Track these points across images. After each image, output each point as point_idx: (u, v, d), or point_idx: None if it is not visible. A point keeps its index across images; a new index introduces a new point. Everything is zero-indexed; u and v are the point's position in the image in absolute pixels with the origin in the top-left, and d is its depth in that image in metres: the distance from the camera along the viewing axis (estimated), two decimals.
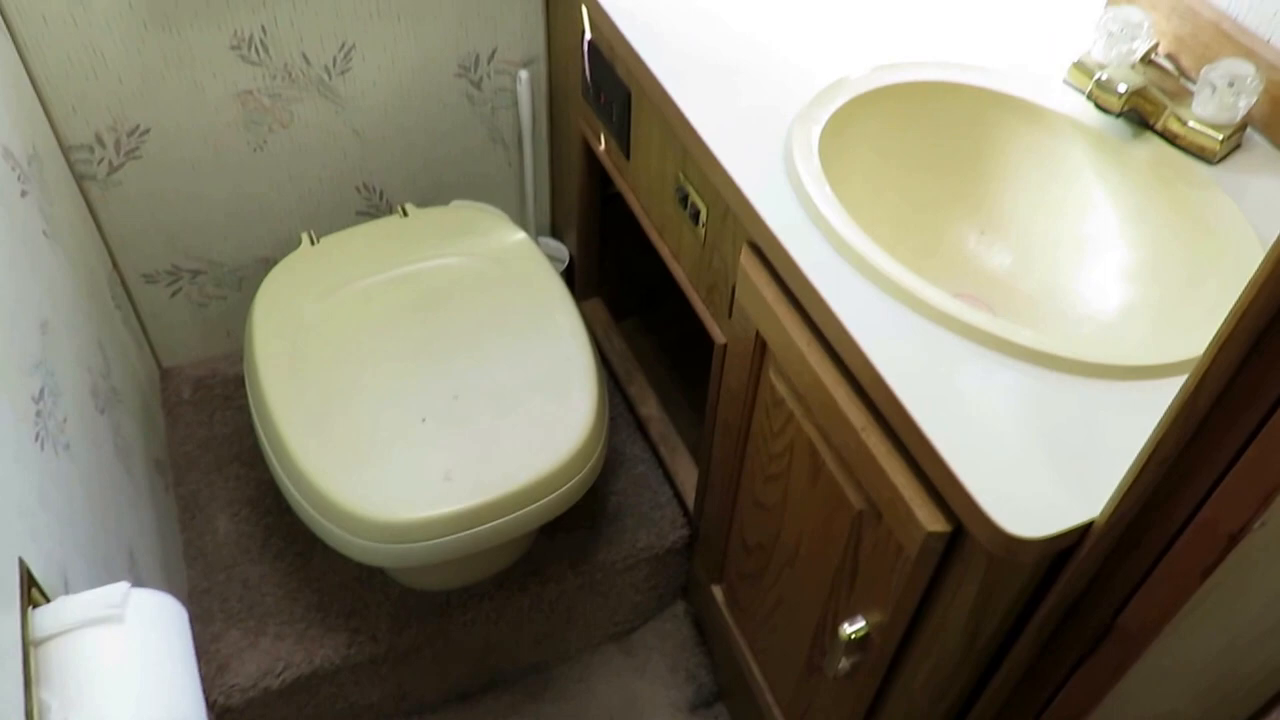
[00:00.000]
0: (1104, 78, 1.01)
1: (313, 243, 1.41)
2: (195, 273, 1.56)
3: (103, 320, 1.32)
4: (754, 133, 1.04)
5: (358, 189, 1.58)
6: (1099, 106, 1.01)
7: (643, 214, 1.34)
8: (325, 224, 1.59)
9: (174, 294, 1.57)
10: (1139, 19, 1.06)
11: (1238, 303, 0.54)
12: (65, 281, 1.16)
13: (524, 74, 1.52)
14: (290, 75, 1.39)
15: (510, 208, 1.72)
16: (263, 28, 1.33)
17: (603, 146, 1.40)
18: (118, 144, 1.36)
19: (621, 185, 1.38)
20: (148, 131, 1.37)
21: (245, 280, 1.60)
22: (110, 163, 1.38)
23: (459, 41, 1.46)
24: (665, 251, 1.29)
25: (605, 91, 1.31)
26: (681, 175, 1.16)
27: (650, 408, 1.63)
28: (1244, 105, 1.00)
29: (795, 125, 1.04)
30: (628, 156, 1.32)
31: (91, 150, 1.35)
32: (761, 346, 1.07)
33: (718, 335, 1.20)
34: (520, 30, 1.49)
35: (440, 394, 1.23)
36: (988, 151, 1.11)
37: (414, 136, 1.55)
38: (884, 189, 1.10)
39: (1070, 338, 0.96)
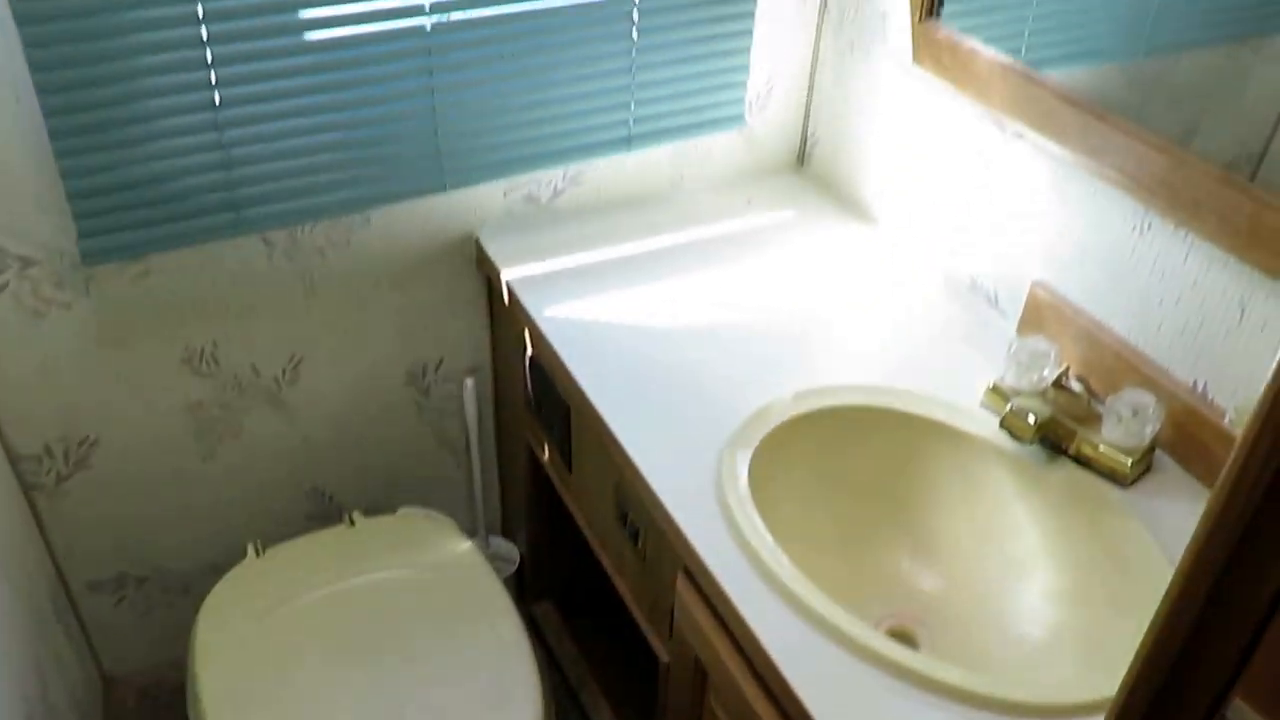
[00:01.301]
0: (1014, 407, 1.06)
1: (258, 554, 1.41)
2: (142, 579, 1.53)
3: (41, 638, 1.29)
4: (686, 458, 1.08)
5: (307, 494, 1.59)
6: (1012, 435, 1.06)
7: (585, 526, 1.35)
8: (274, 530, 1.58)
9: (119, 601, 1.53)
10: (1045, 349, 1.13)
11: (1140, 646, 0.54)
12: (1, 611, 1.14)
13: (469, 382, 1.57)
14: (240, 386, 1.43)
15: (459, 509, 1.73)
16: (214, 341, 1.38)
17: (546, 456, 1.44)
18: (67, 454, 1.38)
19: (565, 496, 1.40)
20: (97, 442, 1.39)
21: (192, 586, 1.57)
22: (59, 473, 1.39)
23: (407, 352, 1.52)
24: (608, 564, 1.30)
25: (546, 405, 1.36)
26: (620, 494, 1.19)
27: (603, 716, 1.58)
28: (1150, 431, 1.06)
29: (725, 451, 1.07)
30: (570, 469, 1.35)
31: (40, 461, 1.36)
32: (702, 671, 1.06)
33: (661, 653, 1.19)
34: (466, 340, 1.55)
35: (381, 715, 1.20)
36: (914, 473, 1.15)
37: (363, 442, 1.58)
38: (816, 512, 1.13)
39: (997, 675, 0.95)
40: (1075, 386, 1.15)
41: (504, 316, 1.46)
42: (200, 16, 1.10)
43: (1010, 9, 1.26)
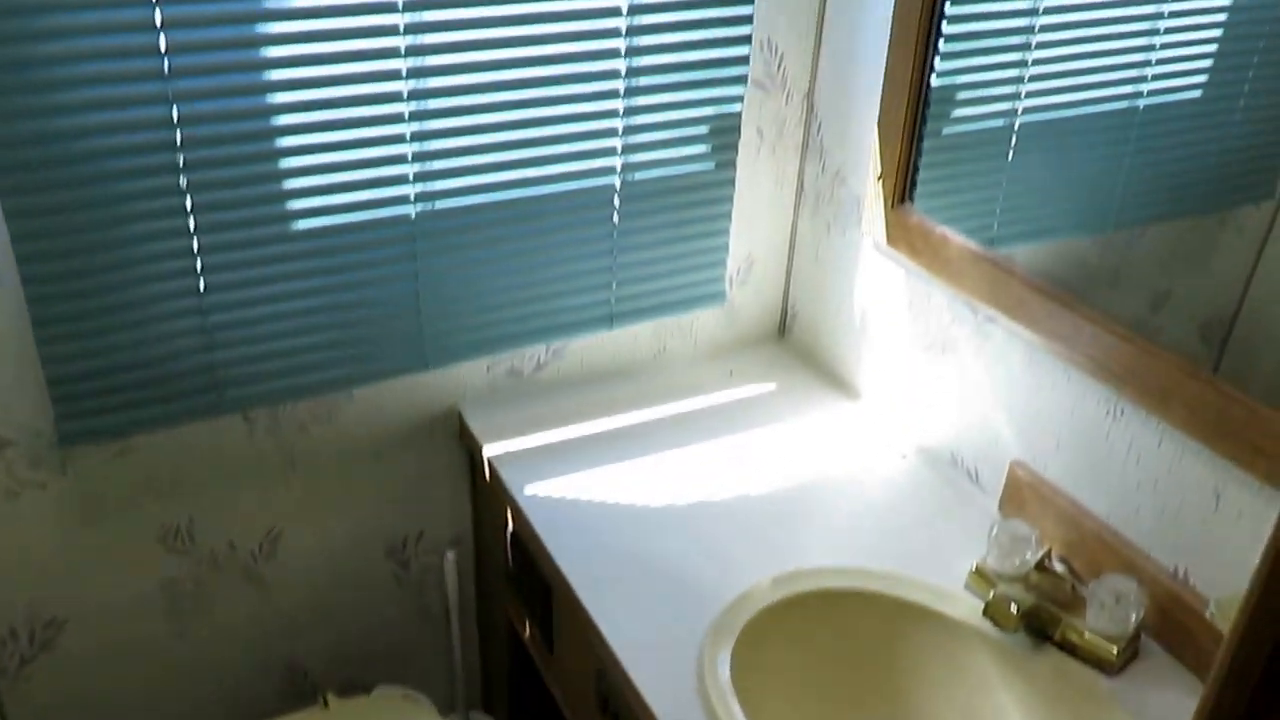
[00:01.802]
0: (997, 595, 1.05)
1: None
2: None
3: None
4: (667, 647, 1.06)
5: (281, 670, 1.55)
6: (996, 624, 1.05)
7: (566, 708, 1.32)
8: (246, 709, 1.54)
9: None
10: (1026, 533, 1.12)
11: None
12: None
13: (450, 555, 1.55)
14: (216, 562, 1.41)
15: (439, 683, 1.69)
16: (190, 518, 1.37)
17: (527, 634, 1.41)
18: (32, 636, 1.34)
19: (545, 675, 1.37)
20: (65, 623, 1.35)
21: None
22: (22, 656, 1.35)
23: (387, 524, 1.51)
24: None
25: (527, 582, 1.34)
26: (601, 680, 1.16)
27: None
28: (1133, 618, 1.04)
29: (706, 640, 1.05)
30: (550, 649, 1.32)
31: (4, 644, 1.33)
32: None
33: None
34: (447, 513, 1.54)
35: None
36: (897, 657, 1.13)
37: (340, 617, 1.55)
38: (798, 699, 1.10)
39: None
40: (1058, 568, 1.14)
41: (486, 490, 1.46)
42: (189, 208, 1.14)
43: (981, 189, 1.31)
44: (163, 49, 1.05)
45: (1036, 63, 1.22)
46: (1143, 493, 1.07)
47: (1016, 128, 1.25)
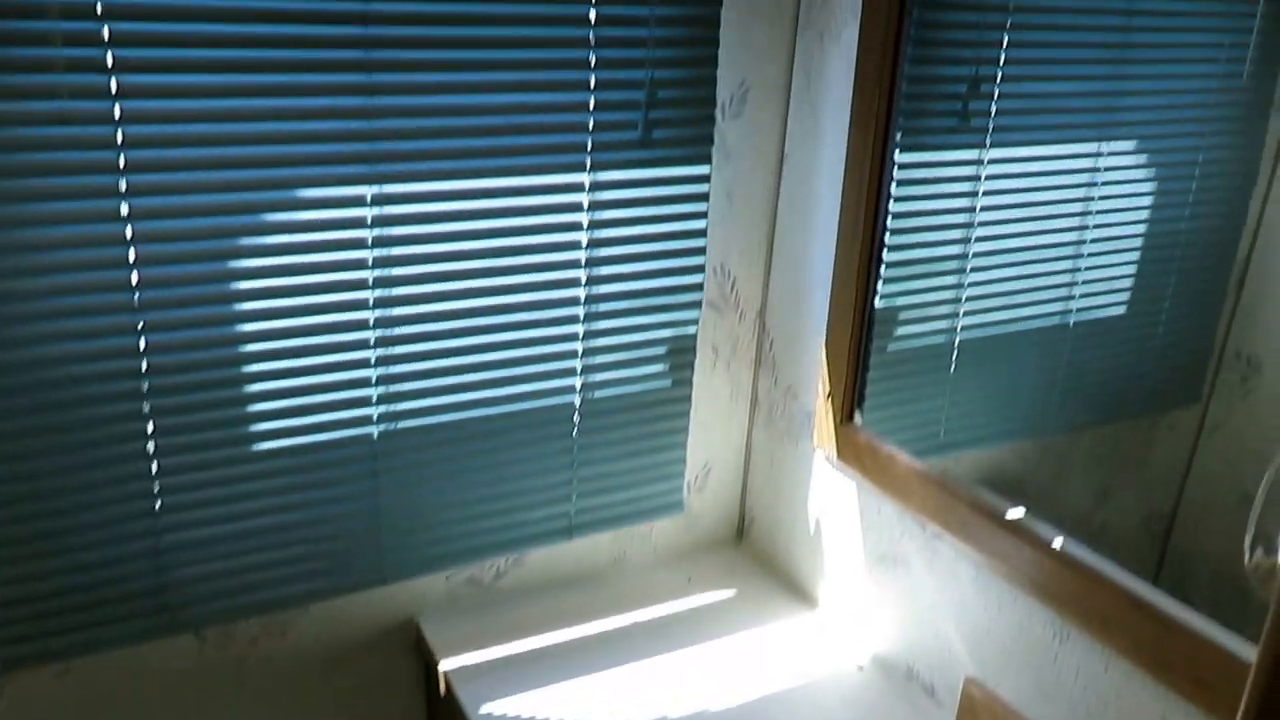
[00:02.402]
0: None
1: None
2: None
3: None
4: None
5: None
6: None
7: None
8: None
9: None
10: None
11: None
12: None
13: None
14: None
15: None
16: None
17: None
18: None
19: None
20: None
21: None
22: None
23: None
24: None
25: None
26: None
27: None
28: None
29: None
30: None
31: None
32: None
33: None
34: None
35: None
36: None
37: None
38: None
39: None
40: None
41: (442, 706, 1.43)
42: (150, 432, 1.16)
43: (926, 399, 1.36)
44: (133, 283, 1.09)
45: (972, 285, 1.30)
46: (1093, 717, 1.08)
47: (957, 343, 1.32)
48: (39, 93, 0.99)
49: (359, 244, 1.19)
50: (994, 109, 1.23)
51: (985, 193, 1.26)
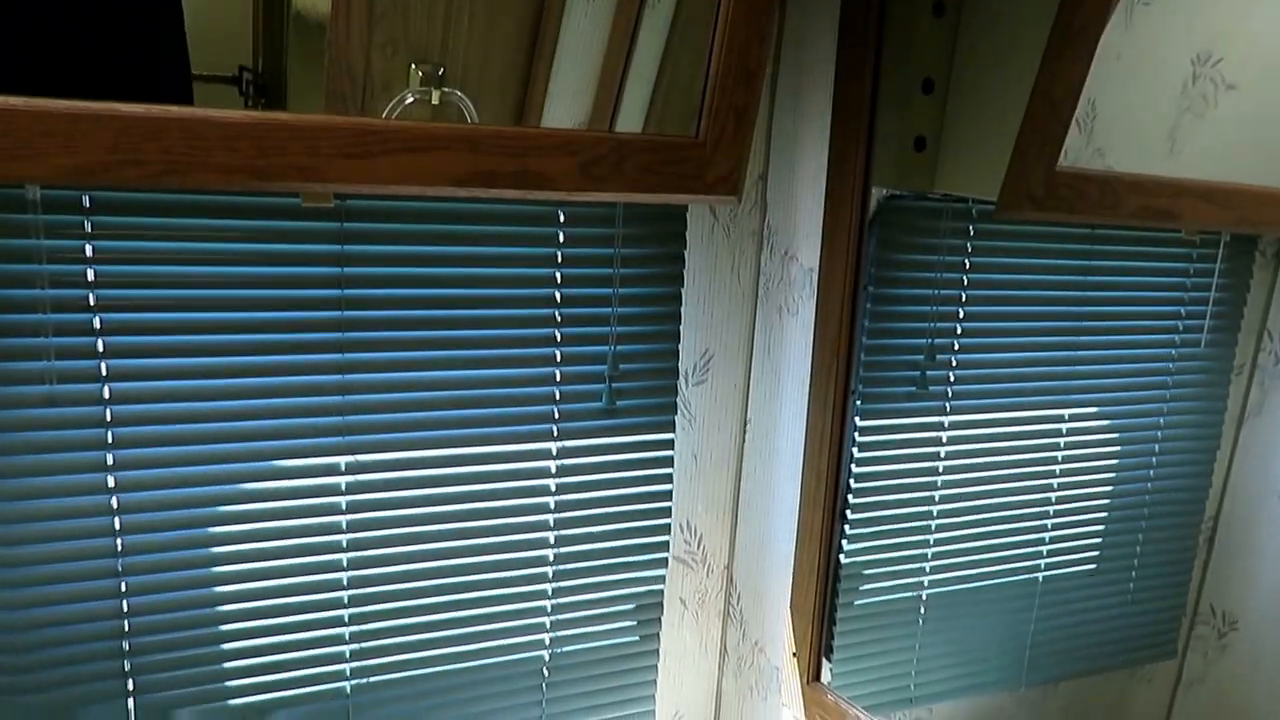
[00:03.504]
0: None
1: None
2: None
3: None
4: None
5: None
6: None
7: None
8: None
9: None
10: None
11: None
12: None
13: None
14: None
15: None
16: None
17: None
18: None
19: None
20: None
21: None
22: None
23: None
24: None
25: None
26: None
27: None
28: None
29: None
30: None
31: None
32: None
33: None
34: None
35: None
36: None
37: None
38: None
39: None
40: None
41: None
42: (129, 689, 1.16)
43: (895, 654, 1.36)
44: (118, 549, 1.13)
45: (938, 543, 1.32)
46: None
47: (924, 599, 1.33)
48: (31, 378, 1.05)
49: (333, 509, 1.23)
50: (952, 376, 1.29)
51: (948, 455, 1.29)
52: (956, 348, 1.28)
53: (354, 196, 1.16)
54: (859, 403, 1.31)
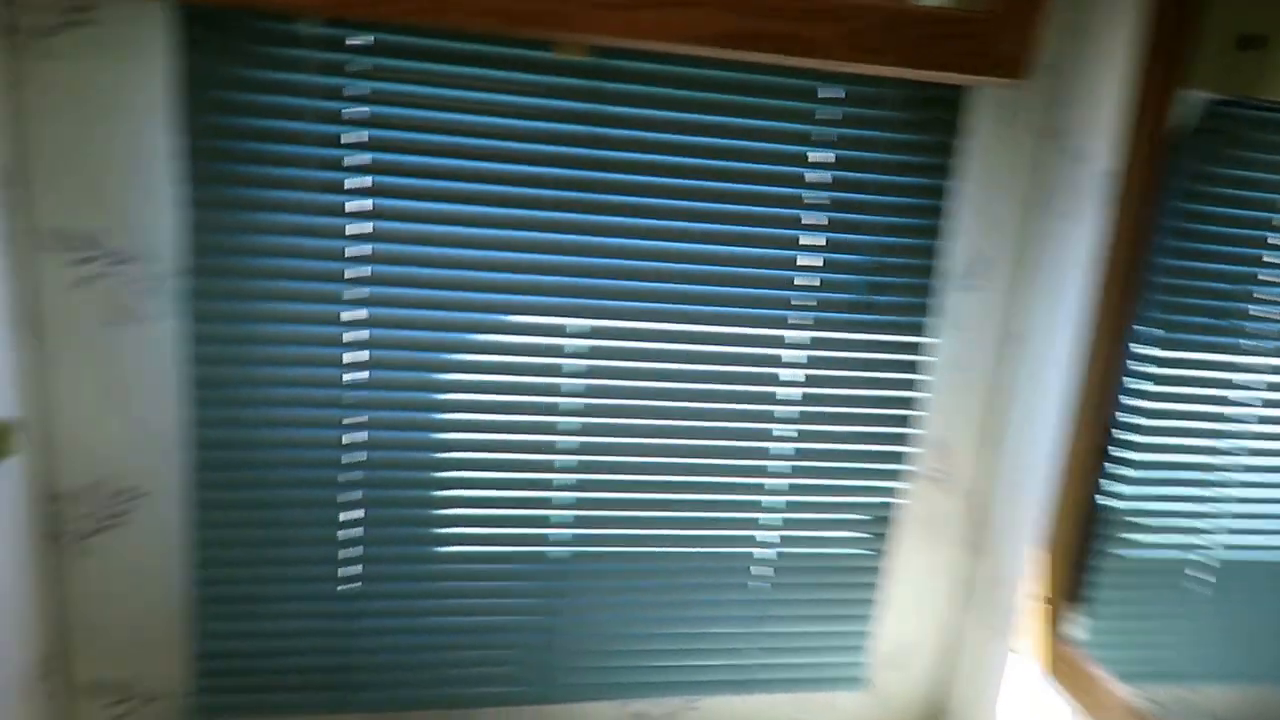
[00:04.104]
0: None
1: None
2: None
3: None
4: None
5: None
6: None
7: None
8: None
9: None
10: None
11: None
12: None
13: None
14: None
15: None
16: None
17: None
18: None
19: None
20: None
21: None
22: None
23: None
24: None
25: None
26: None
27: None
28: None
29: None
30: None
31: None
32: None
33: None
34: None
35: None
36: None
37: None
38: None
39: None
40: None
41: None
42: (355, 521, 1.24)
43: (1161, 619, 1.20)
44: (344, 381, 1.19)
45: (1236, 500, 1.14)
46: None
47: (1212, 564, 1.16)
48: (291, 206, 1.12)
49: (565, 371, 1.23)
50: (1258, 312, 1.09)
51: (1255, 402, 1.11)
52: (1263, 279, 1.08)
53: (608, 52, 1.14)
54: (1150, 330, 1.15)
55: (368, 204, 1.12)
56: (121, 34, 1.05)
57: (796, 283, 1.25)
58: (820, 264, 1.24)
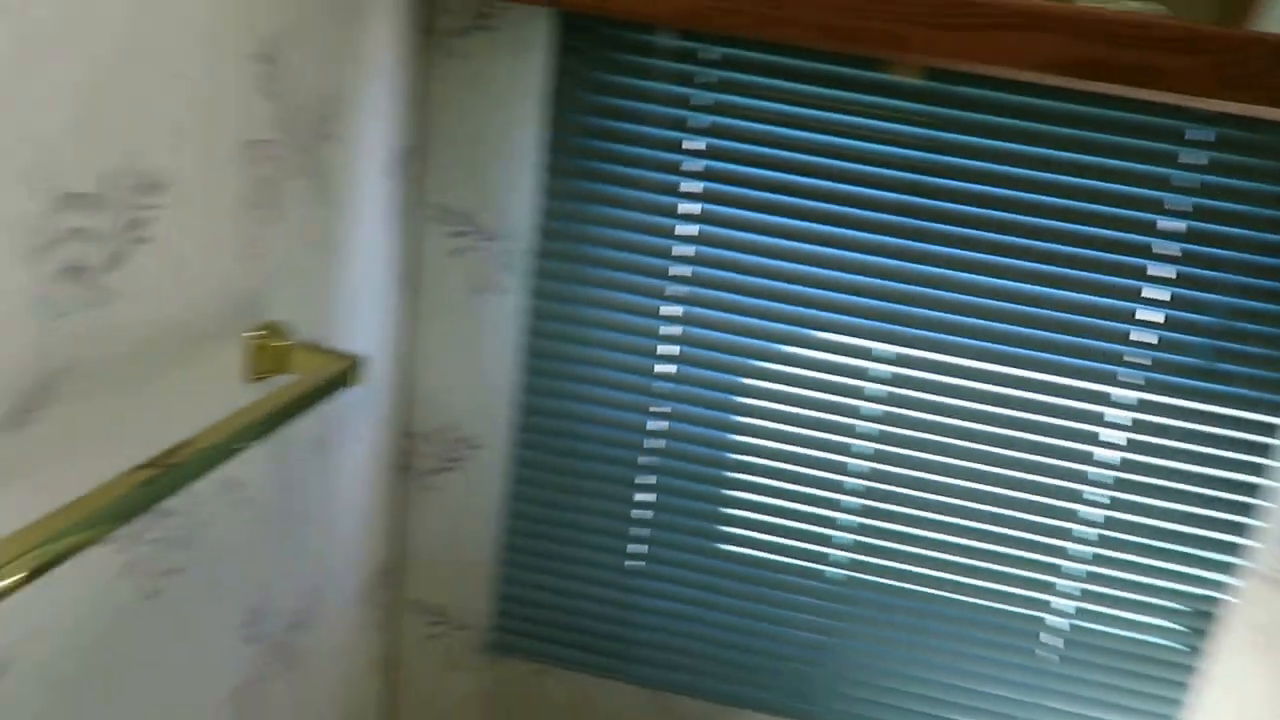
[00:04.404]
0: None
1: None
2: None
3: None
4: None
5: None
6: None
7: None
8: None
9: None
10: None
11: None
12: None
13: None
14: None
15: None
16: None
17: None
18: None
19: None
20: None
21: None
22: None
23: None
24: None
25: None
26: None
27: None
28: None
29: None
30: None
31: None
32: None
33: None
34: None
35: None
36: None
37: None
38: None
39: None
40: None
41: None
42: (644, 502, 1.32)
43: None
44: (655, 371, 1.26)
45: None
46: None
47: None
48: (630, 204, 1.22)
49: (858, 393, 1.23)
50: None
51: None
52: None
53: (942, 76, 1.13)
54: None
55: (696, 208, 1.20)
56: (513, 38, 1.20)
57: (1132, 338, 1.15)
58: (1161, 320, 1.14)
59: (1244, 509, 1.19)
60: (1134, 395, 1.17)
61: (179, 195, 0.80)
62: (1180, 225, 1.12)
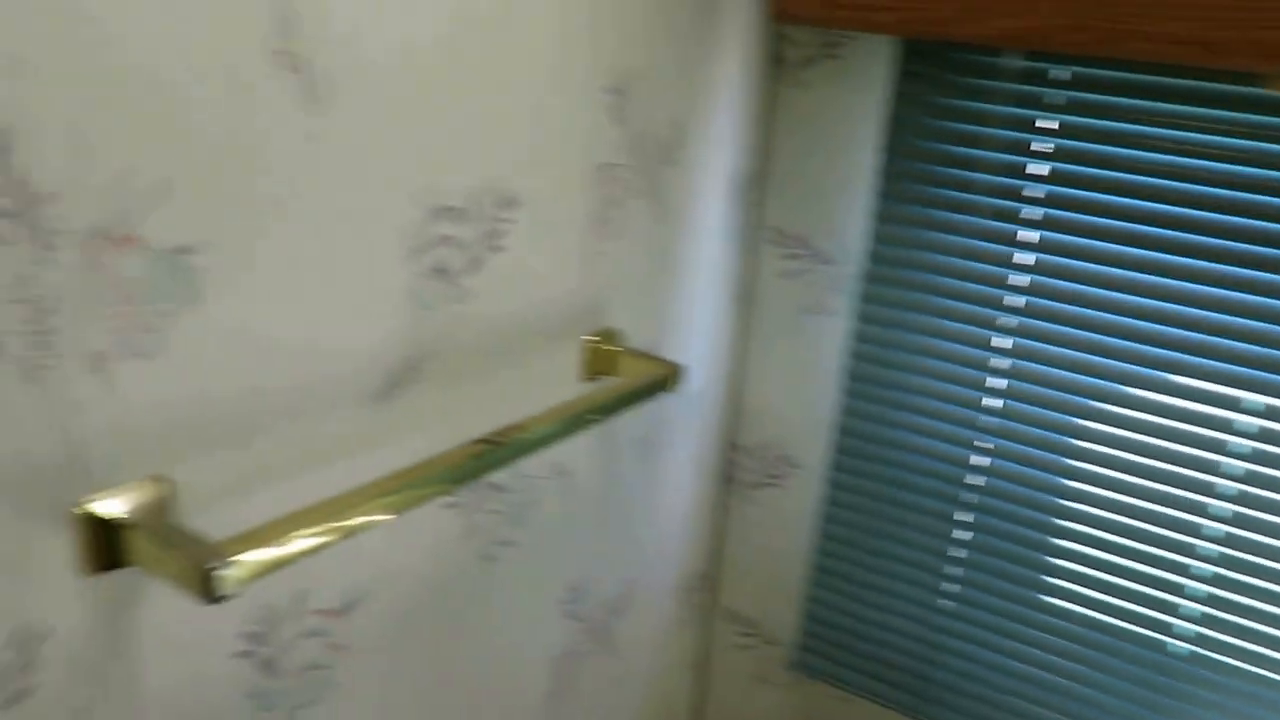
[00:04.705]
0: None
1: None
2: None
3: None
4: None
5: None
6: None
7: None
8: None
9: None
10: None
11: None
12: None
13: None
14: None
15: None
16: None
17: None
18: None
19: None
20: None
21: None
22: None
23: None
24: None
25: None
26: None
27: None
28: None
29: None
30: None
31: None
32: None
33: None
34: None
35: None
36: None
37: None
38: None
39: None
40: None
41: None
42: (959, 539, 1.28)
43: None
44: (983, 405, 1.22)
45: None
46: None
47: None
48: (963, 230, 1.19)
49: (1218, 447, 1.12)
50: None
51: None
52: None
53: None
54: None
55: (1035, 236, 1.15)
56: (857, 67, 1.22)
57: None
58: None
59: None
60: None
61: (532, 210, 0.90)
62: None
